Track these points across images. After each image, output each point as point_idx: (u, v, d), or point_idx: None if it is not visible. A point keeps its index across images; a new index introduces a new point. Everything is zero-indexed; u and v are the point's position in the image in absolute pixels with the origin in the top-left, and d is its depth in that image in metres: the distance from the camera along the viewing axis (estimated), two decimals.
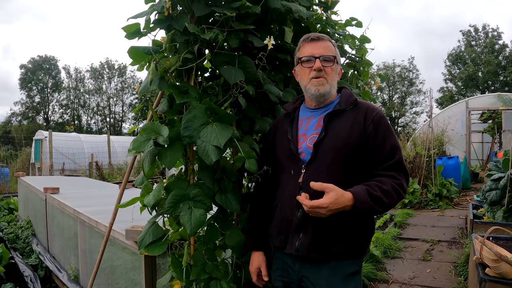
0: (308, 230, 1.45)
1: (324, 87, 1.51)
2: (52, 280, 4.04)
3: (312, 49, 1.53)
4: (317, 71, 1.50)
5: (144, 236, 1.65)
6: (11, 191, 9.47)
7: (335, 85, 1.57)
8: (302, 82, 1.58)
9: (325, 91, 1.52)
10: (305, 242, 1.45)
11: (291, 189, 1.51)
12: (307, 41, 1.56)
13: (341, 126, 1.47)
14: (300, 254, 1.46)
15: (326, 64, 1.52)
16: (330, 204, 1.32)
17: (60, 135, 15.08)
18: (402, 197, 1.43)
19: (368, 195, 1.35)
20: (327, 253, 1.44)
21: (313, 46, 1.53)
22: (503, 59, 31.82)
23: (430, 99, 9.27)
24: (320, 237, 1.43)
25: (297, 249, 1.46)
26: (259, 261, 1.64)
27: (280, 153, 1.60)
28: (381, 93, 37.18)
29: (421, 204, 7.49)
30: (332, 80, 1.54)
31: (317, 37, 1.55)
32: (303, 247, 1.45)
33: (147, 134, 1.51)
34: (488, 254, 2.39)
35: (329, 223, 1.42)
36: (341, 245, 1.43)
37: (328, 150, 1.44)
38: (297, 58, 1.59)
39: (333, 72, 1.55)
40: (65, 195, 4.05)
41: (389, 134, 1.47)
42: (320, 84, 1.51)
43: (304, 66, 1.53)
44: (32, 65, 41.07)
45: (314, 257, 1.44)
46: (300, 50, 1.58)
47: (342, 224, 1.43)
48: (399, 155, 1.45)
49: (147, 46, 1.70)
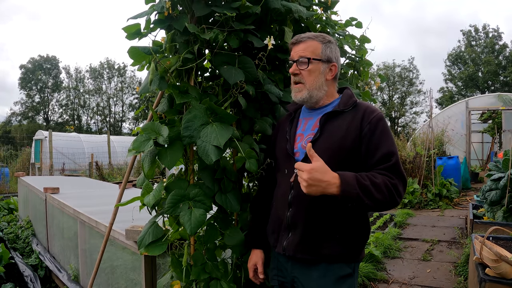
0: (296, 230, 1.44)
1: (301, 93, 1.49)
2: (52, 280, 4.04)
3: (293, 52, 1.53)
4: (293, 76, 1.50)
5: (144, 236, 1.65)
6: (11, 191, 9.48)
7: (319, 87, 1.49)
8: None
9: (302, 98, 1.49)
10: (292, 242, 1.45)
11: (284, 188, 1.52)
12: (292, 45, 1.55)
13: (337, 127, 1.44)
14: (287, 253, 1.46)
15: (301, 66, 1.48)
16: (312, 170, 1.25)
17: (60, 135, 15.06)
18: (395, 198, 1.33)
19: (357, 181, 1.28)
20: (315, 255, 1.42)
21: (295, 49, 1.52)
22: (503, 59, 31.81)
23: (430, 99, 9.28)
24: (307, 238, 1.42)
25: (284, 249, 1.47)
26: (256, 258, 1.65)
27: (277, 152, 1.61)
28: (381, 93, 37.19)
29: (421, 204, 7.48)
30: (312, 83, 1.48)
31: (298, 39, 1.52)
32: (290, 246, 1.45)
33: (147, 134, 1.51)
34: (488, 254, 2.39)
35: (318, 224, 1.41)
36: (330, 247, 1.41)
37: (322, 151, 1.40)
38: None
39: (312, 74, 1.48)
40: (65, 195, 4.05)
41: (386, 137, 1.40)
42: (297, 91, 1.51)
43: (289, 71, 1.54)
44: (31, 65, 41.07)
45: (301, 257, 1.44)
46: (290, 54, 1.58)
47: (332, 226, 1.41)
48: (395, 159, 1.37)
49: (147, 46, 1.70)
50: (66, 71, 42.97)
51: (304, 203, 1.43)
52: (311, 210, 1.42)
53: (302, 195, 1.35)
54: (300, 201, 1.44)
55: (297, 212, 1.45)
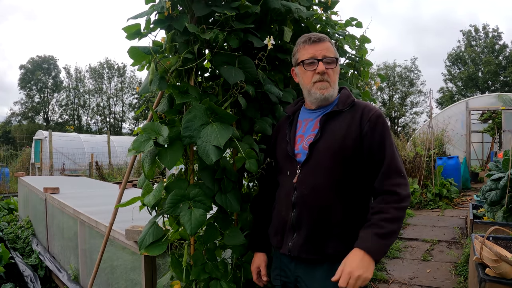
0: (301, 230, 1.45)
1: (328, 90, 1.52)
2: (52, 280, 4.04)
3: (314, 51, 1.51)
4: (320, 75, 1.50)
5: (144, 237, 1.65)
6: (11, 191, 9.46)
7: (337, 87, 1.57)
8: (304, 85, 1.56)
9: (329, 94, 1.52)
10: (297, 243, 1.45)
11: (287, 190, 1.52)
12: (309, 42, 1.53)
13: (337, 127, 1.47)
14: (292, 254, 1.47)
15: (329, 66, 1.51)
16: (350, 273, 1.29)
17: (60, 135, 15.06)
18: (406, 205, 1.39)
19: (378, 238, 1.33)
20: (320, 254, 1.43)
21: (315, 48, 1.51)
22: (503, 59, 31.78)
23: (430, 99, 9.28)
24: (312, 238, 1.43)
25: (289, 249, 1.47)
26: (259, 261, 1.66)
27: (278, 154, 1.62)
28: (381, 93, 37.18)
29: (421, 204, 7.48)
30: (334, 82, 1.54)
31: (318, 38, 1.53)
32: (295, 247, 1.46)
33: (147, 134, 1.51)
34: (488, 254, 2.39)
35: (322, 223, 1.42)
36: (335, 247, 1.42)
37: (323, 151, 1.44)
38: (298, 59, 1.56)
39: (335, 74, 1.55)
40: (65, 195, 4.05)
41: (387, 134, 1.45)
42: (324, 88, 1.51)
43: (307, 69, 1.52)
44: (31, 65, 41.05)
45: (305, 257, 1.45)
46: (300, 52, 1.55)
47: (337, 226, 1.42)
48: (396, 156, 1.42)
49: (147, 46, 1.70)
50: (66, 71, 43.02)
51: (308, 203, 1.44)
52: (315, 210, 1.43)
53: (306, 195, 1.40)
54: (304, 202, 1.45)
55: (301, 213, 1.45)
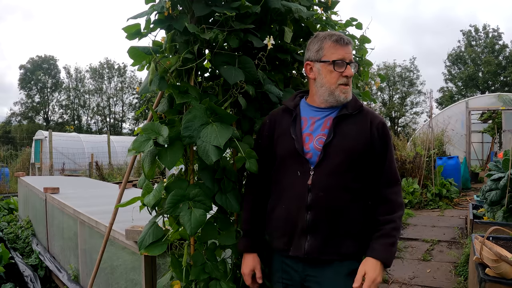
0: (318, 233, 1.46)
1: (349, 95, 1.54)
2: (52, 280, 4.05)
3: (344, 53, 1.50)
4: (347, 78, 1.51)
5: (144, 237, 1.65)
6: (11, 191, 9.45)
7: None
8: (325, 84, 1.51)
9: (347, 100, 1.55)
10: (315, 245, 1.45)
11: (299, 190, 1.48)
12: (341, 43, 1.50)
13: (348, 129, 1.49)
14: (310, 256, 1.46)
15: (353, 70, 1.54)
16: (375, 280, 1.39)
17: (60, 135, 15.06)
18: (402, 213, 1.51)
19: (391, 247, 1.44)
20: (336, 255, 1.46)
21: (345, 50, 1.50)
22: (503, 59, 31.77)
23: (430, 99, 9.28)
24: (331, 240, 1.45)
25: (306, 252, 1.46)
26: (254, 263, 1.60)
27: (282, 151, 1.56)
28: (381, 93, 37.16)
29: (421, 204, 7.48)
30: (351, 85, 1.58)
31: (348, 40, 1.52)
32: (313, 249, 1.45)
33: (147, 134, 1.51)
34: (488, 254, 2.38)
35: (339, 224, 1.45)
36: (348, 246, 1.47)
37: (337, 153, 1.46)
38: (324, 57, 1.50)
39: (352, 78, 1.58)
40: (65, 195, 4.05)
41: (390, 143, 1.54)
42: (347, 92, 1.53)
43: (336, 69, 1.49)
44: (31, 65, 41.04)
45: (324, 259, 1.46)
46: (329, 49, 1.50)
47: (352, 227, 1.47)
48: (395, 164, 1.54)
49: (147, 46, 1.70)
50: (66, 71, 43.00)
51: (325, 205, 1.45)
52: (333, 212, 1.45)
53: (322, 197, 1.43)
54: (321, 204, 1.45)
55: (319, 215, 1.45)
